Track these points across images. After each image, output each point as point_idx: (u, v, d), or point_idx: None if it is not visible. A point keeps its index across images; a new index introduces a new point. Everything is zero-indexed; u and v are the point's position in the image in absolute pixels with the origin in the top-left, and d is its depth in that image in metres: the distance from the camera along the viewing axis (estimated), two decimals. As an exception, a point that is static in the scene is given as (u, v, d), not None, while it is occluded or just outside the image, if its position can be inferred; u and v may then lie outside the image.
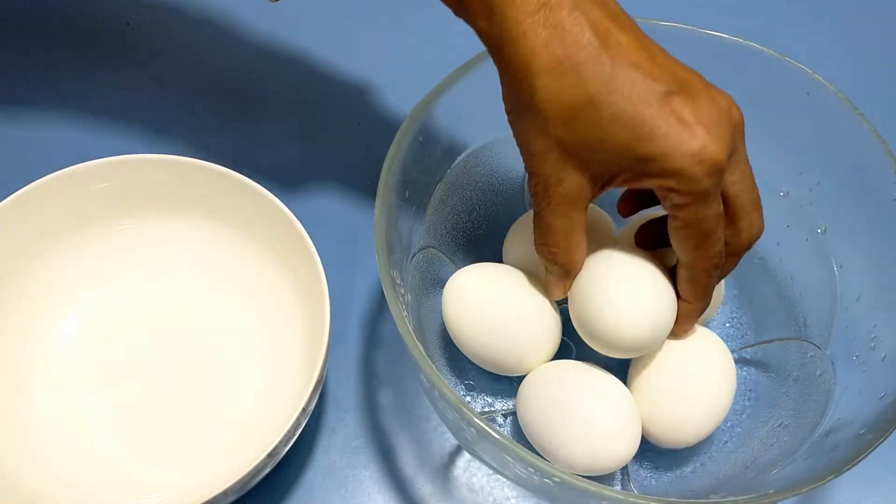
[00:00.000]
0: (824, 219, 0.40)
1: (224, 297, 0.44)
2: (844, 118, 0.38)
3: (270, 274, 0.43)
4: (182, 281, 0.45)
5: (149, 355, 0.43)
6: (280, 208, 0.40)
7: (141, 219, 0.44)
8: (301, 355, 0.40)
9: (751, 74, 0.40)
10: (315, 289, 0.38)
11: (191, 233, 0.44)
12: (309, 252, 0.39)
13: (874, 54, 0.58)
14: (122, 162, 0.42)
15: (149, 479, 0.39)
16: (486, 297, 0.38)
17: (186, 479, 0.39)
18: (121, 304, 0.44)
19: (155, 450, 0.40)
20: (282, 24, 0.57)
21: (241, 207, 0.42)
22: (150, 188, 0.43)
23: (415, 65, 0.55)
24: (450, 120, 0.39)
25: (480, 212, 0.45)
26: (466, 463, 0.41)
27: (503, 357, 0.38)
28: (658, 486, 0.39)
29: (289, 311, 0.42)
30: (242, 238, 0.44)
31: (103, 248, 0.44)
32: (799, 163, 0.41)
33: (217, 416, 0.41)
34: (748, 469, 0.37)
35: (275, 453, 0.35)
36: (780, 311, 0.42)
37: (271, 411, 0.40)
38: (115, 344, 0.43)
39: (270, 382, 0.41)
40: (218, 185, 0.42)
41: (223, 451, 0.40)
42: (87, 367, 0.42)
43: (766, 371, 0.41)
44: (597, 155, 0.32)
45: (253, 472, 0.35)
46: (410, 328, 0.32)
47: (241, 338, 0.43)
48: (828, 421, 0.35)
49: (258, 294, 0.44)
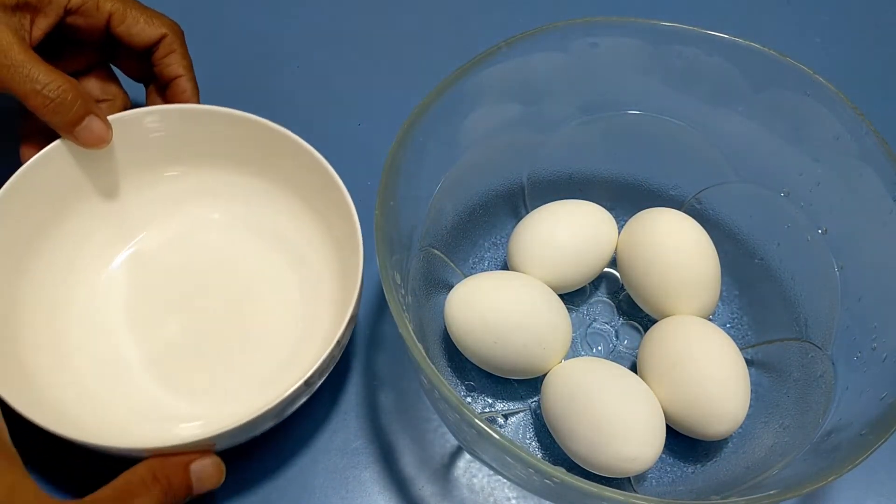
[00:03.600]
0: (825, 219, 0.40)
1: (261, 245, 0.46)
2: (845, 118, 0.38)
3: (304, 222, 0.44)
4: (222, 230, 0.46)
5: (187, 299, 0.44)
6: (315, 156, 0.41)
7: (188, 168, 0.45)
8: (334, 296, 0.42)
9: (751, 74, 0.40)
10: (348, 232, 0.40)
11: (231, 182, 0.46)
12: (343, 197, 0.40)
13: (874, 54, 0.58)
14: (174, 110, 0.43)
15: (184, 411, 0.41)
16: (492, 305, 0.38)
17: (221, 411, 0.40)
18: (162, 249, 0.45)
19: (190, 385, 0.41)
20: (282, 25, 0.57)
21: (276, 156, 0.43)
22: (200, 139, 0.44)
23: (415, 64, 0.55)
24: (450, 120, 0.39)
25: (481, 212, 0.45)
26: (467, 464, 0.41)
27: (514, 364, 0.39)
28: (659, 486, 0.39)
29: (322, 256, 0.43)
30: (280, 190, 0.45)
31: (152, 194, 0.45)
32: (799, 163, 0.41)
33: (253, 355, 0.42)
34: (749, 469, 0.37)
35: (311, 381, 0.36)
36: (780, 311, 0.42)
37: (305, 351, 0.41)
38: (154, 287, 0.44)
39: (305, 325, 0.43)
40: (259, 137, 0.43)
41: (258, 386, 0.40)
42: (127, 308, 0.44)
43: (767, 371, 0.41)
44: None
45: (289, 399, 0.36)
46: (411, 329, 0.32)
47: (275, 284, 0.44)
48: (829, 421, 0.35)
49: (293, 242, 0.45)
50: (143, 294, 0.44)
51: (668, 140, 0.44)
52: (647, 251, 0.41)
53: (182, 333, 0.43)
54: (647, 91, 0.43)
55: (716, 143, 0.43)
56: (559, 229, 0.42)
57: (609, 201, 0.44)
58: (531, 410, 0.41)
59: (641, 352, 0.40)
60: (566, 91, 0.43)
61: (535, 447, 0.40)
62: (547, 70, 0.41)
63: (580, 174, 0.46)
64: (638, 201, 0.45)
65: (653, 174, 0.46)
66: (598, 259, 0.42)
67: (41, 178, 0.41)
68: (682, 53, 0.41)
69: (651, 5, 0.57)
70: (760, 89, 0.40)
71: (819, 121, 0.39)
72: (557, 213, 0.43)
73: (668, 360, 0.38)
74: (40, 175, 0.41)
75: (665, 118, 0.43)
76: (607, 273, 0.45)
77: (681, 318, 0.40)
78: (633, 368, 0.41)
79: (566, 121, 0.44)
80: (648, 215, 0.42)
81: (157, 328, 0.43)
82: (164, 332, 0.43)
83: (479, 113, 0.41)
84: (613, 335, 0.44)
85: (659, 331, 0.40)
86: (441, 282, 0.42)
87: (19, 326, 0.40)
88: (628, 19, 0.40)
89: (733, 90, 0.41)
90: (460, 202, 0.44)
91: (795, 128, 0.41)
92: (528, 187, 0.46)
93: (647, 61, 0.41)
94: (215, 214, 0.46)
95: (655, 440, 0.36)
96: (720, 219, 0.45)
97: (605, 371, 0.38)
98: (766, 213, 0.43)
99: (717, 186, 0.44)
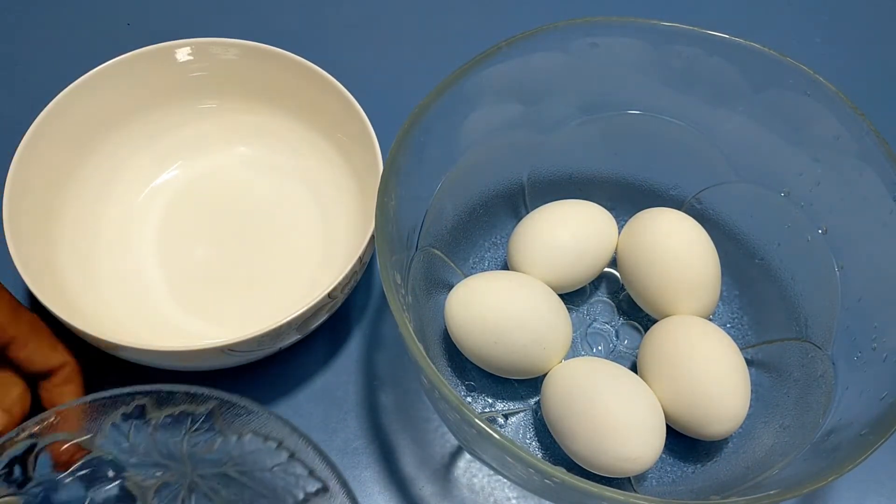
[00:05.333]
0: (825, 219, 0.40)
1: (285, 179, 0.48)
2: (845, 118, 0.38)
3: (326, 154, 0.47)
4: (249, 164, 0.49)
5: (213, 229, 0.47)
6: (335, 85, 0.44)
7: (221, 102, 0.48)
8: (355, 222, 0.45)
9: (751, 74, 0.40)
10: (369, 162, 0.42)
11: (260, 117, 0.48)
12: (365, 127, 0.42)
13: (874, 54, 0.58)
14: (211, 43, 0.45)
15: (208, 333, 0.43)
16: (492, 304, 0.38)
17: (244, 332, 0.40)
18: (192, 180, 0.48)
19: (214, 310, 0.44)
20: (281, 25, 0.57)
21: (305, 93, 0.46)
22: (233, 73, 0.46)
23: (415, 64, 0.55)
24: (450, 120, 0.39)
25: (481, 212, 0.45)
26: (467, 464, 0.41)
27: (515, 363, 0.39)
28: (659, 486, 0.39)
29: (344, 189, 0.46)
30: (304, 125, 0.47)
31: (186, 127, 0.48)
32: (799, 163, 0.41)
33: (276, 282, 0.45)
34: (749, 469, 0.37)
35: (334, 294, 0.38)
36: (780, 311, 0.42)
37: (326, 276, 0.43)
38: (183, 216, 0.47)
39: (325, 252, 0.45)
40: (288, 73, 0.45)
41: (280, 312, 0.41)
42: (157, 234, 0.46)
43: (767, 371, 0.41)
44: None
45: (313, 310, 0.37)
46: (411, 329, 0.32)
47: (298, 216, 0.47)
48: (829, 421, 0.35)
49: (315, 175, 0.48)
50: (173, 222, 0.47)
51: (669, 140, 0.44)
52: (647, 251, 0.41)
53: (207, 261, 0.46)
54: (647, 91, 0.43)
55: (716, 142, 0.43)
56: (559, 229, 0.42)
57: (609, 201, 0.44)
58: (531, 410, 0.41)
59: (641, 352, 0.41)
60: (566, 91, 0.43)
61: (535, 447, 0.40)
62: (547, 70, 0.41)
63: (580, 174, 0.46)
64: (638, 201, 0.45)
65: (653, 174, 0.46)
66: (599, 259, 0.42)
67: (82, 101, 0.43)
68: (682, 53, 0.41)
69: (651, 5, 0.56)
70: (760, 89, 0.40)
71: (819, 121, 0.39)
72: (558, 213, 0.43)
73: (668, 360, 0.38)
74: (82, 98, 0.43)
75: (665, 118, 0.43)
76: (607, 273, 0.45)
77: (681, 318, 0.40)
78: (633, 368, 0.41)
79: (566, 121, 0.44)
80: (648, 215, 0.42)
81: (185, 255, 0.46)
82: (191, 259, 0.46)
83: (480, 113, 0.41)
84: (613, 335, 0.44)
85: (659, 331, 0.40)
86: (441, 282, 0.42)
87: (55, 242, 0.42)
88: (628, 19, 0.40)
89: (733, 90, 0.41)
90: (460, 202, 0.44)
91: (795, 128, 0.40)
92: (528, 187, 0.46)
93: (648, 61, 0.41)
94: (243, 148, 0.49)
95: (655, 440, 0.36)
96: (720, 219, 0.45)
97: (605, 371, 0.38)
98: (767, 212, 0.43)
99: (717, 186, 0.44)
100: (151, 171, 0.48)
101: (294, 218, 0.47)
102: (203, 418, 0.36)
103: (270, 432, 0.36)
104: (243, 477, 0.37)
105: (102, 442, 0.36)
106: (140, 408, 0.36)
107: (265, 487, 0.37)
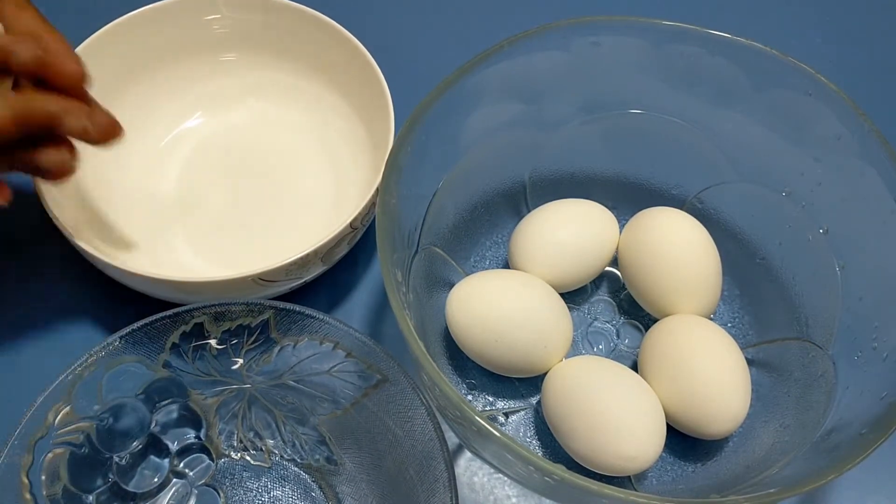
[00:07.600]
0: (826, 219, 0.40)
1: (302, 131, 0.50)
2: (846, 118, 0.38)
3: (339, 109, 0.50)
4: (268, 116, 0.51)
5: (230, 176, 0.49)
6: (354, 43, 0.47)
7: (241, 55, 0.51)
8: (362, 172, 0.47)
9: (753, 74, 0.40)
10: (380, 115, 0.44)
11: (280, 71, 0.51)
12: (376, 76, 0.45)
13: (876, 54, 0.58)
14: None
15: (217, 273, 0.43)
16: (493, 303, 0.38)
17: None
18: (213, 129, 0.51)
19: (231, 255, 0.45)
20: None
21: (324, 51, 0.48)
22: (255, 27, 0.49)
23: (416, 65, 0.55)
24: (452, 119, 0.39)
25: (482, 211, 0.45)
26: (468, 462, 0.41)
27: (515, 362, 0.39)
28: (659, 485, 0.39)
29: (355, 141, 0.48)
30: (320, 80, 0.50)
31: (210, 78, 0.51)
32: (801, 163, 0.41)
33: (293, 224, 0.47)
34: (750, 468, 0.37)
35: (354, 224, 0.40)
36: (781, 311, 0.42)
37: (341, 215, 0.44)
38: (203, 162, 0.49)
39: (337, 198, 0.48)
40: (309, 31, 0.48)
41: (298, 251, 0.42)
42: (177, 180, 0.48)
43: (768, 371, 0.41)
44: None
45: (336, 239, 0.39)
46: (412, 327, 0.32)
47: (314, 163, 0.49)
48: (829, 421, 0.35)
49: (329, 125, 0.50)
50: (193, 168, 0.49)
51: (670, 139, 0.44)
52: (648, 250, 0.41)
53: (224, 208, 0.48)
54: (648, 90, 0.43)
55: (717, 142, 0.43)
56: (560, 228, 0.42)
57: (610, 200, 0.44)
58: (532, 409, 0.41)
59: (642, 351, 0.41)
60: (568, 90, 0.43)
61: (535, 445, 0.40)
62: (548, 69, 0.41)
63: (582, 173, 0.46)
64: (639, 200, 0.45)
65: (654, 173, 0.46)
66: (600, 258, 0.42)
67: (109, 49, 0.46)
68: (683, 53, 0.41)
69: (653, 5, 0.57)
70: (762, 89, 0.40)
71: (821, 120, 0.39)
72: (559, 212, 0.43)
73: (668, 360, 0.38)
74: (108, 47, 0.46)
75: (667, 117, 0.43)
76: (608, 272, 0.45)
77: (682, 318, 0.40)
78: (633, 367, 0.41)
79: (568, 120, 0.44)
80: (650, 214, 0.42)
81: (203, 201, 0.48)
82: (209, 206, 0.48)
83: (481, 112, 0.41)
84: (614, 334, 0.44)
85: (660, 330, 0.40)
86: (442, 280, 0.42)
87: (82, 180, 0.44)
88: (630, 19, 0.40)
89: (735, 90, 0.41)
90: (462, 201, 0.44)
91: (797, 127, 0.41)
92: (529, 186, 0.46)
93: (649, 61, 0.41)
94: (263, 103, 0.51)
95: (656, 439, 0.36)
96: (721, 218, 0.45)
97: (605, 370, 0.38)
98: (768, 212, 0.43)
99: (718, 186, 0.44)
100: (175, 118, 0.50)
101: (307, 167, 0.49)
102: (259, 329, 0.37)
103: (327, 335, 0.37)
104: (300, 384, 0.38)
105: (166, 361, 0.37)
106: (199, 325, 0.37)
107: (324, 390, 0.38)
